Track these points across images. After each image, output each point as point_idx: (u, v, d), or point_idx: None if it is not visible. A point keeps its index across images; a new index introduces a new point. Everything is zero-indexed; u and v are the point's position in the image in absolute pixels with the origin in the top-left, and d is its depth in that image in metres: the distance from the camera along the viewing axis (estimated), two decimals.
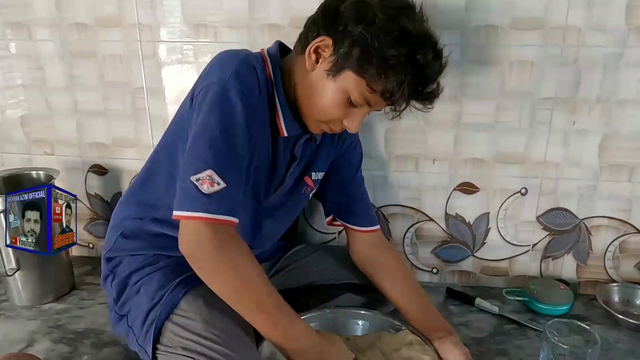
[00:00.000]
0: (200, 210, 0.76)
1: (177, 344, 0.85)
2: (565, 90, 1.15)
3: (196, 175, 0.77)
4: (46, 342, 1.11)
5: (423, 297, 1.04)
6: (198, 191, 0.77)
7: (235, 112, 0.80)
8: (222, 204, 0.78)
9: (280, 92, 0.89)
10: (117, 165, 1.37)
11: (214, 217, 0.77)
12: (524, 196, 1.25)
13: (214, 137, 0.79)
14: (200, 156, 0.78)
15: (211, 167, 0.78)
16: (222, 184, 0.78)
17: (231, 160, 0.80)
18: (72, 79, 1.30)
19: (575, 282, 1.32)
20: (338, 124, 0.88)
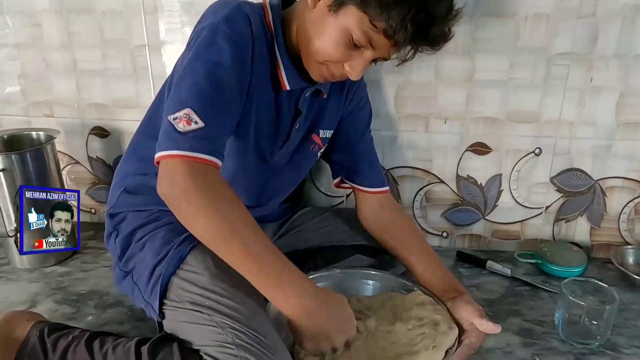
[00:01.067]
0: (174, 148, 0.72)
1: (184, 299, 0.82)
2: (581, 45, 1.11)
3: (173, 115, 0.74)
4: (49, 303, 1.09)
5: (434, 258, 1.02)
6: (174, 130, 0.73)
7: (221, 55, 0.77)
8: (199, 142, 0.73)
9: (280, 43, 0.86)
10: (119, 127, 1.34)
11: (189, 155, 0.72)
12: (537, 157, 1.22)
13: (197, 79, 0.76)
14: (181, 96, 0.75)
15: (189, 105, 0.74)
16: (200, 122, 0.73)
17: (213, 102, 0.76)
18: (70, 36, 1.26)
19: (588, 245, 1.29)
20: (339, 67, 0.83)
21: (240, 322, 0.77)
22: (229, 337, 0.75)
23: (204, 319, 0.78)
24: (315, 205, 1.33)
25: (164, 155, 0.73)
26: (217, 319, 0.77)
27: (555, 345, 0.97)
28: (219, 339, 0.75)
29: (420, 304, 0.94)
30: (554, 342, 0.98)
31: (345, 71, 0.84)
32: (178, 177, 0.72)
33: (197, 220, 0.73)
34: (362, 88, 1.07)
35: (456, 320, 0.90)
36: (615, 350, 0.95)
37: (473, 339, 0.85)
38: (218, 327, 0.76)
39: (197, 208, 0.72)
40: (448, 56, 1.15)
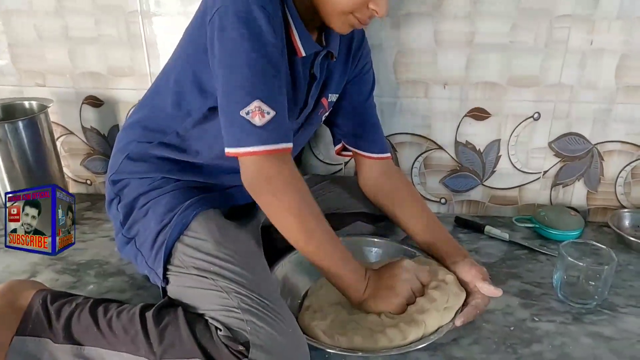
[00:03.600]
0: (257, 144, 0.76)
1: (189, 264, 0.83)
2: (584, 5, 1.10)
3: (245, 109, 0.75)
4: (50, 272, 1.08)
5: (436, 223, 1.02)
6: (251, 125, 0.75)
7: (263, 29, 0.76)
8: (276, 132, 0.77)
9: (292, 8, 0.83)
10: (113, 96, 1.31)
11: (272, 148, 0.77)
12: (536, 121, 1.22)
13: (251, 64, 0.75)
14: (243, 87, 0.76)
15: (257, 97, 0.75)
16: (271, 112, 0.76)
17: (273, 84, 0.77)
18: (61, 2, 1.22)
19: (585, 209, 1.31)
20: (364, 10, 0.81)
21: (245, 287, 0.77)
22: (234, 302, 0.75)
23: (208, 284, 0.79)
24: (314, 173, 1.32)
25: (247, 152, 0.76)
26: (222, 284, 0.78)
27: (553, 306, 0.98)
28: (225, 303, 0.76)
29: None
30: (552, 302, 0.99)
31: (371, 11, 0.81)
32: (267, 173, 0.78)
33: (285, 217, 0.80)
34: (367, 53, 1.05)
35: (461, 282, 0.91)
36: (613, 310, 0.97)
37: (479, 300, 0.87)
38: (223, 291, 0.77)
39: (287, 206, 0.79)
40: (448, 20, 1.13)
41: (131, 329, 0.76)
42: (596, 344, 0.88)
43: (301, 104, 0.94)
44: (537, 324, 0.93)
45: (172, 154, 0.94)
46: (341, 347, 0.80)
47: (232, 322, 0.73)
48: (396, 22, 1.15)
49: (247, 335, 0.71)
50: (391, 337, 0.81)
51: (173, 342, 0.74)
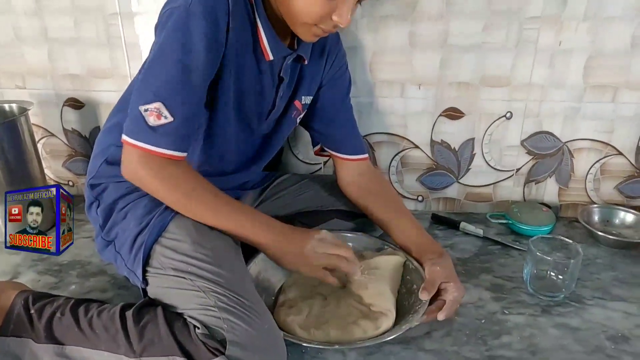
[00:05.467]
0: (143, 141, 0.79)
1: (167, 266, 0.84)
2: (552, 7, 1.13)
3: (145, 106, 0.79)
4: (31, 273, 1.10)
5: (412, 221, 1.05)
6: (144, 122, 0.79)
7: (195, 42, 0.78)
8: (166, 138, 0.80)
9: (261, 14, 0.85)
10: (94, 97, 1.32)
11: (156, 150, 0.80)
12: (508, 120, 1.25)
13: (169, 67, 0.78)
14: (152, 85, 0.79)
15: (160, 99, 0.78)
16: (169, 117, 0.79)
17: (183, 94, 0.80)
18: (39, 3, 1.22)
19: (557, 205, 1.35)
20: (328, 21, 0.83)
21: (222, 286, 0.79)
22: (211, 301, 0.77)
23: (186, 284, 0.81)
24: (294, 173, 1.35)
25: (132, 144, 0.80)
26: (199, 284, 0.80)
27: (523, 299, 1.02)
28: (202, 302, 0.78)
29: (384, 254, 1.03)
30: (522, 295, 1.03)
31: (335, 22, 0.83)
32: (141, 170, 0.81)
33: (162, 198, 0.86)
34: (342, 56, 1.08)
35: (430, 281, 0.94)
36: (580, 302, 1.01)
37: (455, 294, 0.90)
38: (201, 291, 0.79)
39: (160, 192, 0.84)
40: (422, 21, 1.16)
41: (111, 328, 0.78)
42: (563, 335, 0.92)
43: (269, 105, 0.96)
44: (507, 317, 0.97)
45: None
46: (317, 340, 0.83)
47: (210, 320, 0.75)
48: (372, 24, 1.17)
49: (224, 332, 0.73)
50: (364, 327, 0.84)
51: (152, 340, 0.75)
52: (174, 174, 0.83)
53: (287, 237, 0.90)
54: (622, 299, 1.02)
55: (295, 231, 0.92)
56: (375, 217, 1.09)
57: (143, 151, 0.80)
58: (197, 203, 0.85)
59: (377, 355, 0.86)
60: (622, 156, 1.27)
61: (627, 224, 1.27)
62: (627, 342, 0.90)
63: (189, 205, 0.85)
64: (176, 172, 0.83)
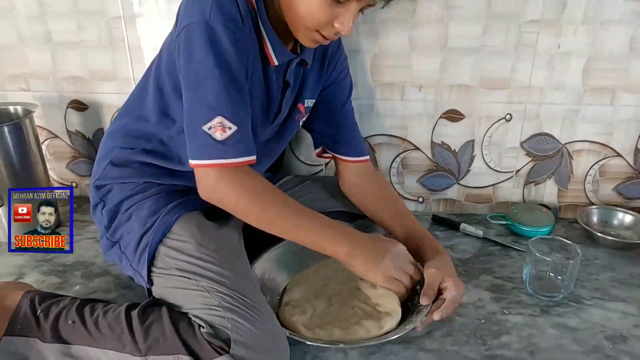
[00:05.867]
0: (216, 157, 0.80)
1: (171, 266, 0.86)
2: (551, 11, 1.15)
3: (207, 124, 0.79)
4: (36, 274, 1.11)
5: (413, 221, 1.06)
6: (212, 139, 0.79)
7: (227, 48, 0.79)
8: (237, 147, 0.81)
9: (264, 20, 0.86)
10: (97, 100, 1.33)
11: (231, 162, 0.81)
12: (508, 122, 1.27)
13: (215, 81, 0.79)
14: (206, 103, 0.80)
15: (220, 113, 0.79)
16: (233, 127, 0.80)
17: (236, 100, 0.81)
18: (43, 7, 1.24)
19: (556, 206, 1.36)
20: (329, 28, 0.84)
21: (226, 286, 0.81)
22: (215, 301, 0.79)
23: (191, 284, 0.82)
24: (296, 174, 1.36)
25: (206, 164, 0.81)
26: (203, 284, 0.81)
27: (523, 299, 1.03)
28: (207, 302, 0.79)
29: None
30: (522, 296, 1.04)
31: (336, 29, 0.84)
32: (224, 186, 0.82)
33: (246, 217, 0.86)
34: (343, 59, 1.09)
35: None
36: (578, 302, 1.02)
37: (454, 293, 0.90)
38: (205, 291, 0.80)
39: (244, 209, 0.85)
40: (422, 25, 1.17)
41: (117, 327, 0.79)
42: (561, 335, 0.93)
43: (275, 109, 0.98)
44: (506, 317, 0.98)
45: (155, 160, 0.96)
46: (321, 339, 0.84)
47: (214, 319, 0.77)
48: (373, 27, 1.19)
49: (228, 332, 0.75)
50: (368, 327, 0.86)
51: (157, 339, 0.77)
52: (253, 187, 0.84)
53: (366, 247, 0.89)
54: (620, 299, 1.03)
55: (375, 241, 0.92)
56: (376, 218, 1.10)
57: (220, 167, 0.81)
58: (279, 216, 0.86)
59: (378, 355, 0.88)
60: (621, 158, 1.29)
61: (625, 225, 1.28)
62: (625, 342, 0.91)
63: (269, 218, 0.86)
64: (254, 184, 0.84)
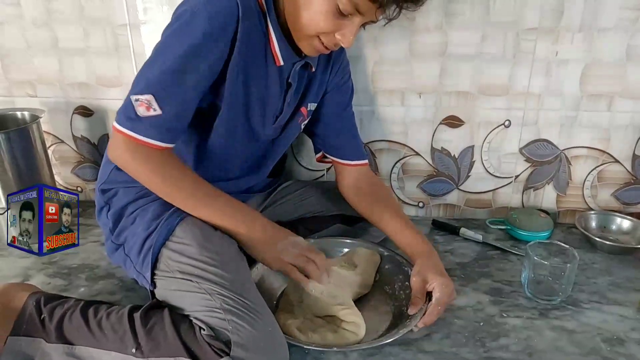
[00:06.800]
0: (128, 129, 0.83)
1: (174, 269, 0.87)
2: (548, 19, 1.16)
3: (136, 96, 0.82)
4: (41, 276, 1.12)
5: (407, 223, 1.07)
6: (133, 111, 0.82)
7: (194, 40, 0.81)
8: (153, 129, 0.83)
9: (273, 20, 0.88)
10: (103, 105, 1.36)
11: (141, 139, 0.83)
12: (507, 128, 1.28)
13: (166, 62, 0.82)
14: (148, 77, 0.82)
15: (152, 92, 0.81)
16: (157, 110, 0.82)
17: (176, 90, 0.83)
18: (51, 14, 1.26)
19: (555, 211, 1.37)
20: (330, 38, 0.86)
21: (227, 288, 0.82)
22: (217, 303, 0.80)
23: (193, 286, 0.83)
24: (297, 179, 1.37)
25: (119, 129, 0.83)
26: (205, 286, 0.82)
27: (521, 302, 1.04)
28: (208, 304, 0.80)
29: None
30: (520, 299, 1.05)
31: (337, 40, 0.86)
32: (126, 154, 0.85)
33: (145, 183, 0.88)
34: (346, 65, 1.11)
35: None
36: (576, 305, 1.03)
37: (437, 294, 0.92)
38: (206, 293, 0.82)
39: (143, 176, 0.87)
40: (422, 32, 1.19)
41: (120, 329, 0.81)
42: (559, 337, 0.94)
43: (277, 110, 0.99)
44: (505, 320, 0.99)
45: None
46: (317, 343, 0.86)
47: (215, 322, 0.78)
48: (373, 34, 1.21)
49: (228, 334, 0.76)
50: (353, 330, 0.89)
51: (159, 341, 0.78)
52: (158, 162, 0.86)
53: (265, 229, 0.93)
54: (618, 302, 1.04)
55: (274, 227, 0.95)
56: (373, 220, 1.12)
57: (129, 138, 0.83)
58: (179, 189, 0.89)
59: (377, 357, 0.89)
60: (619, 164, 1.30)
61: (623, 230, 1.29)
62: (622, 344, 0.92)
63: (170, 190, 0.89)
64: (160, 160, 0.86)
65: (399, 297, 1.00)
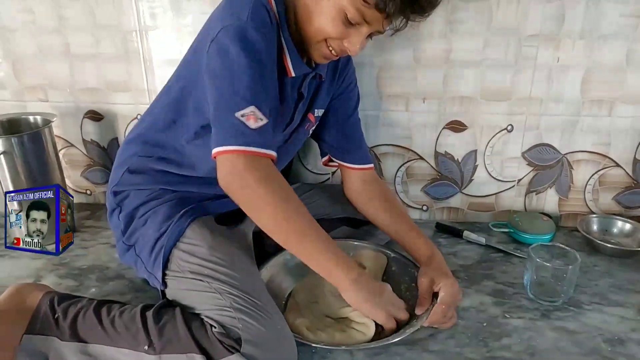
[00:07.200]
0: (243, 144, 0.80)
1: (185, 269, 0.90)
2: (550, 26, 1.19)
3: (241, 112, 0.80)
4: (53, 277, 1.15)
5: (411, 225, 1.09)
6: (245, 126, 0.80)
7: (260, 48, 0.83)
8: (264, 138, 0.82)
9: (285, 32, 0.91)
10: (112, 110, 1.38)
11: (257, 151, 0.81)
12: (509, 133, 1.30)
13: (249, 76, 0.81)
14: (239, 93, 0.81)
15: (253, 103, 0.81)
16: (264, 119, 0.82)
17: (267, 96, 0.85)
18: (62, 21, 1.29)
19: (557, 215, 1.39)
20: (338, 44, 0.89)
21: (237, 288, 0.84)
22: (227, 302, 0.82)
23: (203, 286, 0.86)
24: (303, 182, 1.40)
25: (235, 150, 0.80)
26: (215, 286, 0.85)
27: (524, 304, 1.06)
28: (218, 303, 0.83)
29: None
30: (523, 300, 1.07)
31: (345, 47, 0.89)
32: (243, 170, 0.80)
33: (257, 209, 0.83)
34: (352, 72, 1.14)
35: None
36: (578, 307, 1.05)
37: (443, 294, 0.94)
38: (217, 292, 0.84)
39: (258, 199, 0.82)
40: (426, 39, 1.22)
41: (132, 327, 0.83)
42: (560, 337, 0.96)
43: (287, 119, 1.02)
44: (508, 320, 1.01)
45: (169, 167, 1.00)
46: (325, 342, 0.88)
47: (225, 320, 0.80)
48: (379, 41, 1.23)
49: (239, 331, 0.78)
50: (363, 331, 0.90)
51: (171, 338, 0.80)
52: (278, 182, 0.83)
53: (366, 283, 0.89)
54: (618, 304, 1.06)
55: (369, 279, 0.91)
56: (377, 222, 1.14)
57: (251, 155, 0.81)
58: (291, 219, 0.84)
59: (383, 356, 0.91)
60: (620, 168, 1.32)
61: (624, 233, 1.31)
62: (623, 344, 0.94)
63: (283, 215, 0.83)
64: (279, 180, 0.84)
65: (405, 298, 1.02)
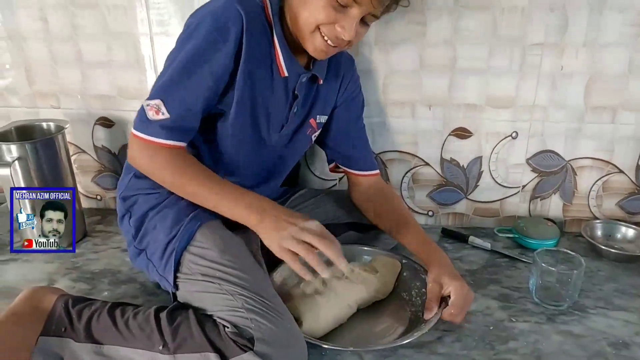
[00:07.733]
0: (141, 132, 0.90)
1: (196, 271, 0.91)
2: (553, 34, 1.21)
3: (147, 101, 0.90)
4: (66, 281, 1.17)
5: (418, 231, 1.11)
6: (144, 115, 0.90)
7: (200, 46, 0.88)
8: (163, 130, 0.89)
9: (278, 33, 0.94)
10: (123, 117, 1.41)
11: (151, 140, 0.90)
12: (514, 139, 1.32)
13: (172, 71, 0.89)
14: (157, 84, 0.91)
15: (160, 97, 0.89)
16: (166, 114, 0.89)
17: (182, 93, 0.89)
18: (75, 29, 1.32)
19: (561, 220, 1.40)
20: (331, 29, 0.90)
21: (248, 289, 0.86)
22: (239, 303, 0.84)
23: (215, 288, 0.87)
24: (310, 188, 1.42)
25: (133, 134, 0.92)
26: (227, 288, 0.86)
27: (529, 308, 1.07)
28: (230, 304, 0.84)
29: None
30: (528, 305, 1.08)
31: (338, 32, 0.90)
32: (139, 155, 0.93)
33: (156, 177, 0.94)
34: (356, 80, 1.16)
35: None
36: (583, 311, 1.06)
37: (453, 297, 0.95)
38: (228, 294, 0.85)
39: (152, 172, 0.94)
40: (431, 46, 1.24)
41: (147, 328, 0.85)
42: (566, 341, 0.97)
43: (282, 119, 1.04)
44: (513, 324, 1.02)
45: None
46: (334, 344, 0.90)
47: (238, 320, 0.82)
48: (385, 48, 1.26)
49: (251, 331, 0.80)
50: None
51: (185, 338, 0.82)
52: (168, 158, 0.91)
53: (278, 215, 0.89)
54: (622, 308, 1.07)
55: (287, 213, 0.90)
56: (384, 227, 1.16)
57: (141, 140, 0.90)
58: (189, 180, 0.92)
59: (391, 358, 0.92)
60: (623, 174, 1.34)
61: (628, 239, 1.33)
62: (627, 348, 0.95)
63: (181, 183, 0.93)
64: (170, 156, 0.91)
65: (415, 303, 1.03)
